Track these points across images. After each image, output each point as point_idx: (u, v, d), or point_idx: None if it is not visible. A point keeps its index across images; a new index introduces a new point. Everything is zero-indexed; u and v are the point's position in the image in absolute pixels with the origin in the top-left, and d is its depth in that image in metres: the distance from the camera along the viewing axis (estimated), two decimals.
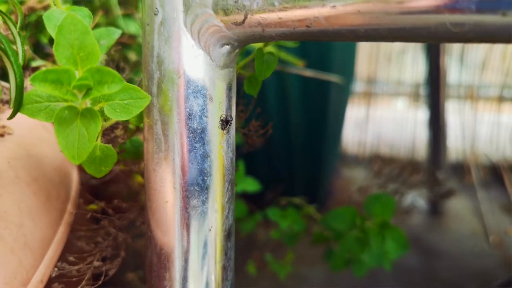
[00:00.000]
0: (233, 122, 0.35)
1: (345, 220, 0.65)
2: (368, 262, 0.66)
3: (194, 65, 0.32)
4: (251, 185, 0.79)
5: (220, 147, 0.34)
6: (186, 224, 0.34)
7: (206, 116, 0.33)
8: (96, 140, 0.34)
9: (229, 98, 0.34)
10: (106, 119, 0.35)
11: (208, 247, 0.35)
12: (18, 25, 0.32)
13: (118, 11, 0.79)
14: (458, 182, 1.36)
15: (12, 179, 0.36)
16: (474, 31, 0.24)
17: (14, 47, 0.31)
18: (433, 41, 0.27)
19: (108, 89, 0.26)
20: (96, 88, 0.27)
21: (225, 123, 0.34)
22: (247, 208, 0.83)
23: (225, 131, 0.34)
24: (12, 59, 0.28)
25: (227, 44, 0.32)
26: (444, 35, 0.25)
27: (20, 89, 0.28)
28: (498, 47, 1.40)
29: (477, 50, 1.42)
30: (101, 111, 0.31)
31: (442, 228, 1.17)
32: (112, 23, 0.79)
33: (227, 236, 0.36)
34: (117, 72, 0.27)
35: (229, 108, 0.34)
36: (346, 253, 0.67)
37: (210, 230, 0.35)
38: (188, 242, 0.34)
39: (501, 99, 1.43)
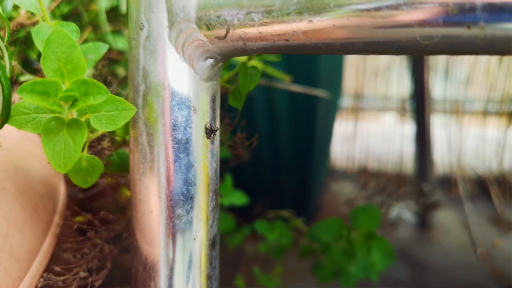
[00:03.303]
0: (218, 132, 0.36)
1: (332, 231, 0.65)
2: (356, 273, 0.66)
3: (179, 78, 0.33)
4: (239, 199, 0.79)
5: (204, 157, 0.35)
6: (171, 234, 0.35)
7: (190, 127, 0.34)
8: (83, 151, 0.34)
9: (213, 110, 0.35)
10: (92, 130, 0.35)
11: (193, 256, 0.36)
12: (6, 39, 0.33)
13: (106, 27, 0.80)
14: (445, 195, 1.37)
15: None
16: (442, 43, 0.26)
17: (1, 60, 0.32)
18: (405, 53, 0.29)
19: (94, 100, 0.27)
20: (82, 99, 0.28)
21: (210, 131, 0.35)
22: (235, 221, 0.83)
23: (209, 141, 0.35)
24: None
25: (211, 58, 0.33)
26: (414, 47, 0.26)
27: (7, 100, 0.29)
28: (482, 63, 1.43)
29: (462, 65, 1.45)
30: (88, 123, 0.32)
31: (430, 241, 1.17)
32: (100, 39, 0.80)
33: (212, 245, 0.37)
34: (103, 85, 0.27)
35: (213, 119, 0.36)
36: (333, 265, 0.68)
37: (195, 239, 0.35)
38: (173, 251, 0.35)
39: (486, 113, 1.46)
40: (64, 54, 0.29)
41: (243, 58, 0.42)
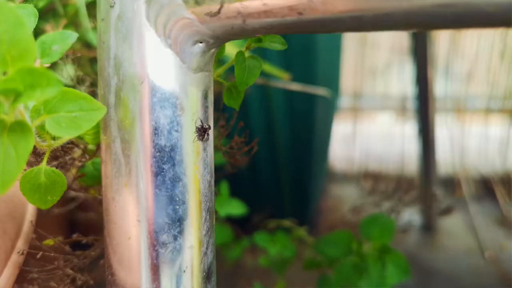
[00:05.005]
0: (211, 134, 0.29)
1: (341, 245, 0.58)
2: None
3: (161, 67, 0.26)
4: (236, 208, 0.72)
5: (195, 168, 0.28)
6: (154, 265, 0.27)
7: (176, 131, 0.27)
8: (40, 163, 0.27)
9: (205, 108, 0.28)
10: (56, 137, 0.28)
11: None
12: None
13: (87, 23, 0.73)
14: (449, 196, 1.32)
15: None
16: None
17: None
18: (454, 27, 0.22)
19: (41, 94, 0.20)
20: (26, 93, 0.20)
21: (202, 132, 0.28)
22: (233, 233, 0.77)
23: (201, 148, 0.28)
24: None
25: (201, 42, 0.26)
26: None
27: None
28: (483, 58, 1.39)
29: (462, 62, 1.41)
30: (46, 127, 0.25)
31: (435, 244, 1.12)
32: (81, 37, 0.73)
33: (207, 277, 0.30)
34: (54, 74, 0.20)
35: (205, 120, 0.28)
36: (342, 280, 0.61)
37: (184, 271, 0.28)
38: (158, 287, 0.28)
39: (488, 110, 1.42)
40: (8, 34, 0.21)
41: (234, 45, 0.34)
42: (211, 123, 0.29)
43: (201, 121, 0.28)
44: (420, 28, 0.22)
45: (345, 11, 0.21)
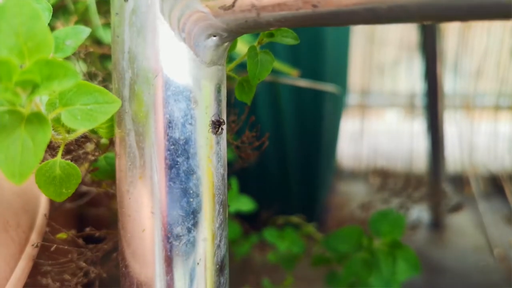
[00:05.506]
0: (225, 127, 0.29)
1: (351, 241, 0.58)
2: (376, 285, 0.60)
3: (174, 61, 0.26)
4: (245, 205, 0.72)
5: (208, 161, 0.28)
6: (168, 258, 0.27)
7: (190, 124, 0.27)
8: (55, 156, 0.27)
9: (218, 102, 0.28)
10: (70, 130, 0.28)
11: (197, 285, 0.29)
12: None
13: (97, 20, 0.73)
14: (458, 194, 1.32)
15: None
16: None
17: None
18: (469, 19, 0.22)
19: (59, 85, 0.20)
20: (44, 85, 0.21)
21: (217, 125, 0.28)
22: (241, 229, 0.77)
23: (214, 142, 0.28)
24: None
25: (214, 35, 0.26)
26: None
27: None
28: (493, 54, 1.38)
29: (472, 58, 1.40)
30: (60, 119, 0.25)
31: (444, 242, 1.12)
32: (91, 33, 0.73)
33: (220, 269, 0.30)
34: (72, 66, 0.21)
35: (218, 113, 0.28)
36: (351, 276, 0.61)
37: (198, 263, 0.28)
38: (172, 280, 0.28)
39: (497, 107, 1.40)
40: (24, 27, 0.22)
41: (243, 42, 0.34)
42: (224, 117, 0.29)
43: (218, 115, 0.28)
44: (434, 20, 0.22)
45: (359, 3, 0.21)
